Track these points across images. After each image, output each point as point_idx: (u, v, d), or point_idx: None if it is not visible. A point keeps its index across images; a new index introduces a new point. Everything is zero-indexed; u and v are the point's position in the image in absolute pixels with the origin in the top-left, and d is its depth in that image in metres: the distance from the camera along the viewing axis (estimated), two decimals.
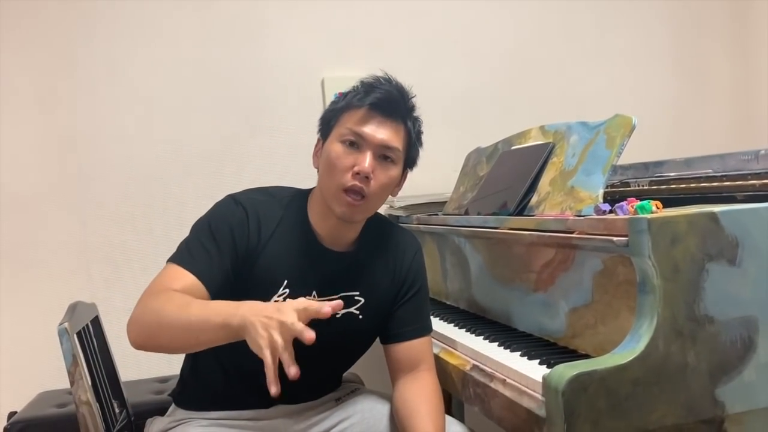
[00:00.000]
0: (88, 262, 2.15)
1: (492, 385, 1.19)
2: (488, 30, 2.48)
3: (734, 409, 1.02)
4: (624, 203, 1.10)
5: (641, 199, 1.08)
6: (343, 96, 1.28)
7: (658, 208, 1.05)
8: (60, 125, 2.14)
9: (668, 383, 0.99)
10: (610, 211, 1.14)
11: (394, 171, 1.26)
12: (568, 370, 0.96)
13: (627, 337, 1.01)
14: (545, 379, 0.99)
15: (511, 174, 1.60)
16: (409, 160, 1.31)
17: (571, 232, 1.17)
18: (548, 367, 1.12)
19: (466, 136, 2.20)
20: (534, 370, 1.12)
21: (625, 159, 1.34)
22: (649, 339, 0.98)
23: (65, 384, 1.36)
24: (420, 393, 1.27)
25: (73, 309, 1.45)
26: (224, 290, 1.20)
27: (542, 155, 1.48)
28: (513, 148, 1.71)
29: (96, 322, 1.58)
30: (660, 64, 2.63)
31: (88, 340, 1.47)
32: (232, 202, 1.27)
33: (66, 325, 1.31)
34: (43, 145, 2.13)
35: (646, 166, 1.67)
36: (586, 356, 1.16)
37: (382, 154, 1.23)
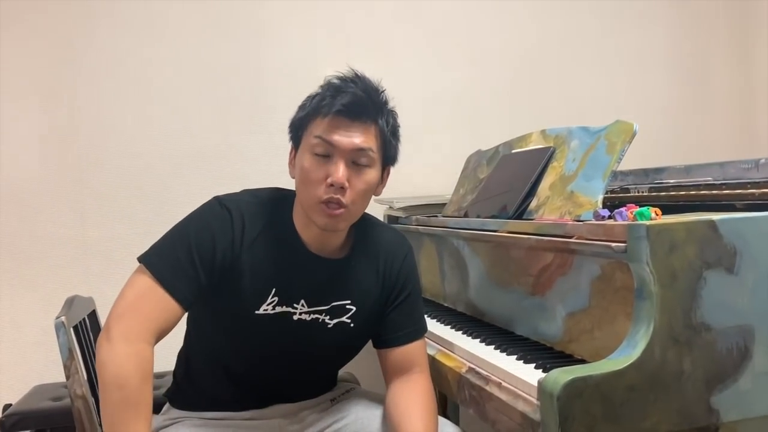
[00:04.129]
0: (86, 257, 2.15)
1: (487, 388, 1.18)
2: (491, 33, 2.48)
3: (729, 417, 1.02)
4: (623, 209, 1.09)
5: (640, 206, 1.08)
6: (310, 99, 1.23)
7: (657, 214, 1.05)
8: (60, 119, 2.15)
9: (663, 390, 0.99)
10: (609, 217, 1.14)
11: (371, 174, 1.21)
12: (563, 375, 0.96)
13: (623, 343, 1.01)
14: (540, 384, 0.99)
15: (512, 177, 1.60)
16: (387, 157, 1.25)
17: (570, 237, 1.16)
18: (544, 371, 1.12)
19: (467, 139, 2.20)
20: (530, 374, 1.12)
21: (625, 164, 1.35)
22: (645, 345, 0.98)
23: (60, 377, 1.36)
24: (412, 395, 1.26)
25: (71, 303, 1.45)
26: (197, 302, 1.18)
27: (543, 159, 1.49)
28: (514, 151, 1.71)
29: (93, 316, 1.58)
30: (661, 69, 2.64)
31: (85, 334, 1.47)
32: (217, 204, 1.23)
33: (63, 318, 1.31)
34: (42, 138, 2.14)
35: (646, 172, 1.68)
36: (582, 361, 1.16)
37: (355, 160, 1.19)
